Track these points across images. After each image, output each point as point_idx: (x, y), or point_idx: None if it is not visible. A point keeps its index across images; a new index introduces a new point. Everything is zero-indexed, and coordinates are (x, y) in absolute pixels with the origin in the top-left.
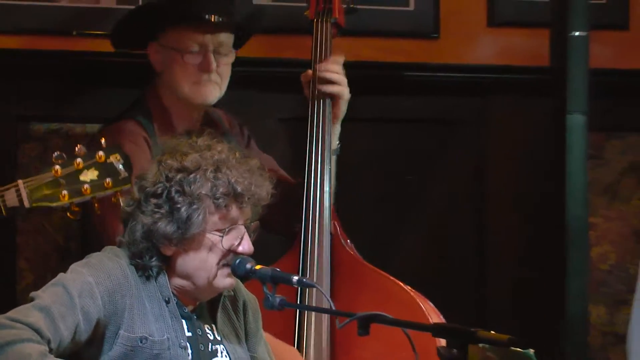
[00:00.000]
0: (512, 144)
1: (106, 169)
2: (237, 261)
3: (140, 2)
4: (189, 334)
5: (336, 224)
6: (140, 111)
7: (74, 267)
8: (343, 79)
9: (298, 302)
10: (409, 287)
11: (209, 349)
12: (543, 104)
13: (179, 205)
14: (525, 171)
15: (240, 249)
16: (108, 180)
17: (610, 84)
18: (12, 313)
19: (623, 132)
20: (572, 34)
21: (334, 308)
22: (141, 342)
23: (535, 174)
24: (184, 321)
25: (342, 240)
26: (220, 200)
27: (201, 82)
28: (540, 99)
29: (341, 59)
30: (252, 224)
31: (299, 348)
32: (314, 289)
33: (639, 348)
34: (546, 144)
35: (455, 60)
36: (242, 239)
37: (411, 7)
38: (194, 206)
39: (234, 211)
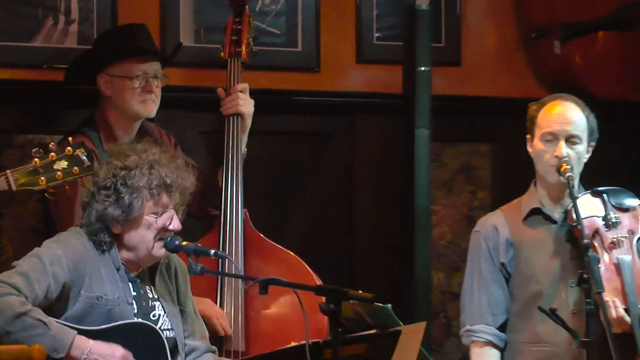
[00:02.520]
0: (374, 152)
1: (74, 160)
2: (169, 238)
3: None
4: (134, 294)
5: (246, 211)
6: (90, 127)
7: (46, 242)
8: (248, 102)
9: (219, 270)
10: (299, 258)
11: (149, 305)
12: (397, 122)
13: (123, 195)
14: (384, 172)
15: (171, 227)
16: (76, 168)
17: (446, 107)
18: None
19: (455, 142)
20: (419, 68)
21: (241, 274)
22: (97, 300)
23: (391, 174)
24: (130, 284)
25: (251, 224)
26: (155, 190)
27: (146, 101)
28: (395, 117)
29: (247, 87)
30: (180, 207)
31: (221, 305)
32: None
33: (468, 303)
34: (399, 151)
35: (331, 88)
36: (172, 219)
37: (299, 48)
38: (134, 195)
39: (165, 198)
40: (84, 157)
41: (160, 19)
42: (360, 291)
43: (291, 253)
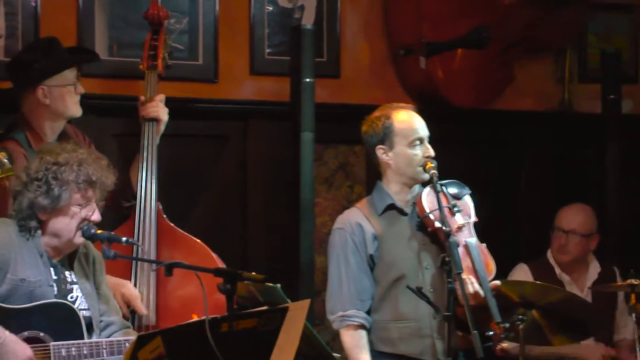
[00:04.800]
0: (265, 152)
1: None
2: (86, 227)
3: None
4: (55, 277)
5: (159, 204)
6: (16, 131)
7: None
8: (163, 109)
9: (133, 255)
10: (205, 244)
11: (67, 287)
12: (285, 126)
13: (53, 187)
14: (274, 170)
15: (92, 218)
16: None
17: (327, 113)
18: None
19: (335, 143)
20: (304, 80)
21: (150, 258)
22: (21, 282)
23: (280, 171)
24: (51, 268)
25: (163, 215)
26: (81, 185)
27: (77, 103)
28: (283, 122)
29: (162, 97)
30: (99, 202)
31: (135, 285)
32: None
33: (337, 292)
34: (287, 151)
35: (228, 96)
36: (94, 211)
37: (200, 62)
38: (64, 188)
39: (89, 193)
40: (6, 160)
41: (78, 35)
42: (253, 273)
43: (198, 240)
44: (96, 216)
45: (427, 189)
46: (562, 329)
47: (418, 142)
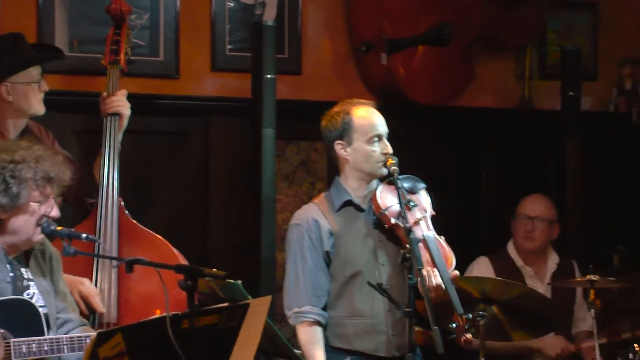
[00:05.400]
0: (227, 149)
1: None
2: (45, 224)
3: None
4: (12, 274)
5: (120, 200)
6: None
7: None
8: (126, 104)
9: (95, 252)
10: (166, 241)
11: (24, 284)
12: (246, 122)
13: (11, 185)
14: (235, 166)
15: (52, 214)
16: None
17: (289, 110)
18: None
19: (297, 140)
20: (265, 76)
21: (111, 255)
22: None
23: (242, 167)
24: (8, 265)
25: (125, 211)
26: (40, 182)
27: (40, 100)
28: (245, 119)
29: (124, 92)
30: (57, 198)
31: (96, 282)
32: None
33: (294, 288)
34: (249, 148)
35: (189, 93)
36: (52, 207)
37: (161, 58)
38: (22, 186)
39: (48, 189)
40: None
41: (37, 31)
42: (214, 269)
43: (159, 237)
44: (55, 212)
45: (381, 186)
46: (522, 325)
47: (376, 139)
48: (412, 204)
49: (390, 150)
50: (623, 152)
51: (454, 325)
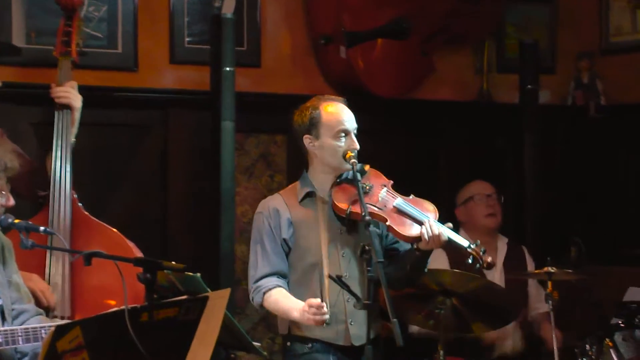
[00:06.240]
0: (186, 141)
1: None
2: (2, 217)
3: None
4: None
5: (74, 192)
6: None
7: None
8: (77, 96)
9: (49, 245)
10: (120, 233)
11: None
12: (205, 115)
13: None
14: (194, 159)
15: (9, 203)
16: None
17: (248, 102)
18: None
19: (256, 133)
20: (224, 69)
21: (67, 247)
22: None
23: (201, 160)
24: None
25: (78, 204)
26: None
27: None
28: (204, 111)
29: (76, 84)
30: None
31: (50, 276)
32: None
33: (253, 273)
34: (208, 141)
35: (148, 85)
36: (7, 198)
37: (119, 50)
38: None
39: (1, 181)
40: None
41: None
42: (173, 262)
43: (113, 229)
44: (11, 201)
45: (333, 190)
46: (481, 316)
47: (343, 134)
48: (367, 186)
49: (356, 146)
50: (580, 145)
51: (470, 260)
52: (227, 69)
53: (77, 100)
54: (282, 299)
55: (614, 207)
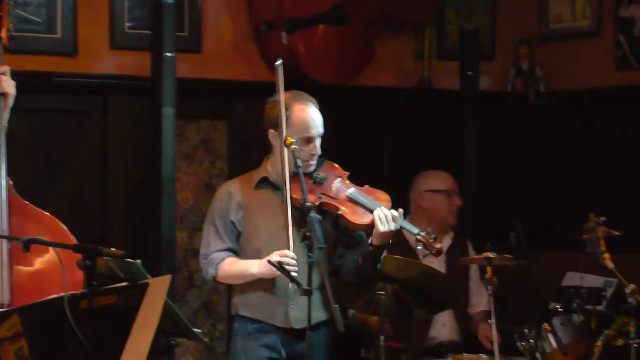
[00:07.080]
0: (126, 128)
1: None
2: None
3: None
4: None
5: (9, 179)
6: None
7: None
8: (9, 82)
9: None
10: (57, 220)
11: None
12: (146, 101)
13: None
14: (135, 145)
15: None
16: None
17: (189, 88)
18: None
19: (197, 119)
20: (165, 54)
21: (5, 234)
22: None
23: (141, 146)
24: None
25: (14, 191)
26: None
27: None
28: (144, 97)
29: (8, 69)
30: None
31: None
32: None
33: (205, 251)
34: (148, 127)
35: (87, 70)
36: None
37: (58, 35)
38: None
39: None
40: None
41: None
42: (113, 249)
43: (50, 215)
44: None
45: (292, 181)
46: (421, 302)
47: (307, 140)
48: (319, 178)
49: (318, 151)
50: (520, 131)
51: (420, 246)
52: (168, 54)
53: (10, 87)
54: (236, 262)
55: (553, 192)
